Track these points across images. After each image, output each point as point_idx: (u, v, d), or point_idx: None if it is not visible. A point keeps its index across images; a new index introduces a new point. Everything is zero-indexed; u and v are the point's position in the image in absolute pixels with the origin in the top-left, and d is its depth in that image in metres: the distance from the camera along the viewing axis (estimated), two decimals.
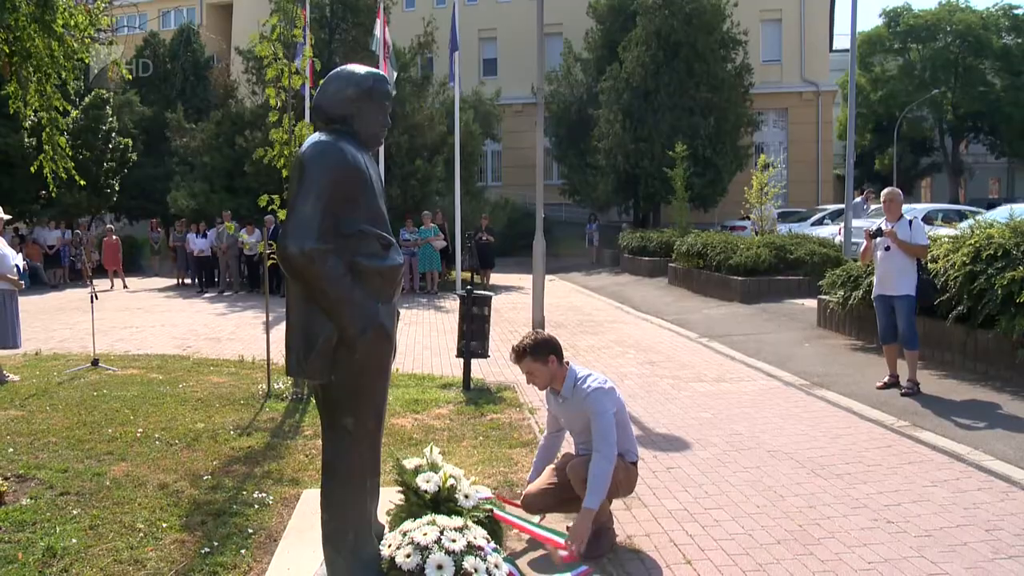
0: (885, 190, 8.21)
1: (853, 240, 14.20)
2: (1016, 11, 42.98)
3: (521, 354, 4.20)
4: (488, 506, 3.99)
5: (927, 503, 4.88)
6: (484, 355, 8.28)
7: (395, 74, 16.96)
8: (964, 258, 8.35)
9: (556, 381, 4.26)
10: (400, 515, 3.70)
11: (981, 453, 5.82)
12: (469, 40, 29.18)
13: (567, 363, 4.29)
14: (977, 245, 8.37)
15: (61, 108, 8.66)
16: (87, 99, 24.30)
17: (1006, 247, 8.09)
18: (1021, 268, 7.68)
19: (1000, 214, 11.76)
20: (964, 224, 9.84)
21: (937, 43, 42.75)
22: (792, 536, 4.40)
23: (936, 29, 42.68)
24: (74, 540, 4.18)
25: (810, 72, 35.20)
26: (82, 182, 9.76)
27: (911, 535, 4.40)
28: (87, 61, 8.83)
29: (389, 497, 3.89)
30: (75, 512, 4.58)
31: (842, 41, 42.35)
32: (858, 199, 20.70)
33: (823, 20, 36.11)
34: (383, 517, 3.75)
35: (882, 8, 54.93)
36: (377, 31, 15.90)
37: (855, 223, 14.86)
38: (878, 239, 7.89)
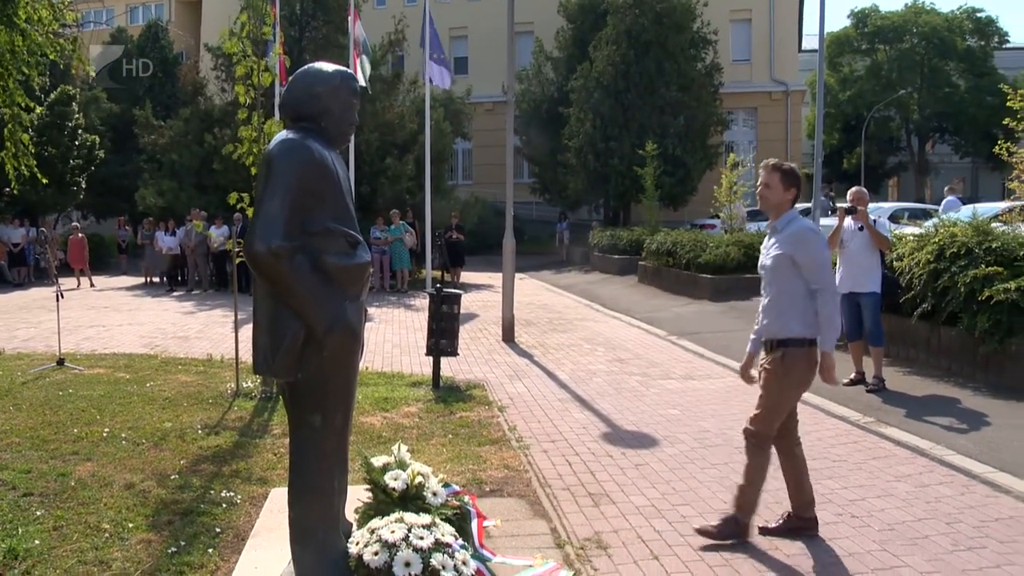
0: (852, 189, 8.33)
1: None
2: (979, 14, 43.66)
3: (777, 168, 4.41)
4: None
5: (891, 497, 4.96)
6: (454, 353, 8.28)
7: (369, 70, 16.84)
8: (928, 256, 8.48)
9: (779, 208, 4.42)
10: (368, 513, 3.70)
11: (944, 448, 5.93)
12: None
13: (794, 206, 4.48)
14: (941, 243, 8.50)
15: (24, 104, 8.55)
16: (53, 95, 23.92)
17: (969, 246, 8.22)
18: (983, 266, 7.83)
19: (964, 213, 11.93)
20: (929, 223, 9.98)
21: (904, 44, 43.28)
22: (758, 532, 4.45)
23: (903, 30, 43.22)
24: (37, 541, 4.13)
25: (779, 72, 35.53)
26: (44, 180, 9.64)
27: (874, 529, 4.47)
28: (52, 57, 8.72)
29: (357, 495, 3.89)
30: (39, 513, 4.52)
31: (811, 41, 42.72)
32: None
33: (792, 20, 36.48)
34: (351, 515, 3.75)
35: (850, 9, 55.59)
36: (351, 28, 15.83)
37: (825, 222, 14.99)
38: (850, 217, 7.97)
